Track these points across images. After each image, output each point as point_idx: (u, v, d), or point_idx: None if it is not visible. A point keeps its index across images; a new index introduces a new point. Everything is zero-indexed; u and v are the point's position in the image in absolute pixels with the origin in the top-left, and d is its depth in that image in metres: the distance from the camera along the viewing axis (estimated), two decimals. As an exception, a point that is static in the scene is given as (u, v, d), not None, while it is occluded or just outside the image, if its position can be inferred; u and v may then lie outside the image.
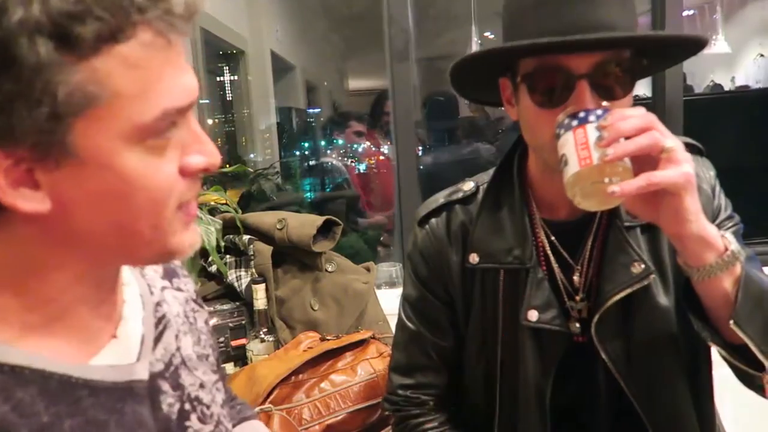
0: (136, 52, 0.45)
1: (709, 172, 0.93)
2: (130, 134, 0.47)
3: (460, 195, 0.97)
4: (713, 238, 0.75)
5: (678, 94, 1.83)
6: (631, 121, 0.71)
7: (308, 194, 3.63)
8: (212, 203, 1.60)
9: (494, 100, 0.92)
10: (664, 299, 0.88)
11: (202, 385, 0.67)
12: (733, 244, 0.76)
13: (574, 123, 0.74)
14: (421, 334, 0.98)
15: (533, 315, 0.88)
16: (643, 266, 0.85)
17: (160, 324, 0.64)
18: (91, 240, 0.51)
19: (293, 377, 1.18)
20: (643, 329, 0.88)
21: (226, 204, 1.59)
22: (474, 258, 0.92)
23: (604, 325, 0.87)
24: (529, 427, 0.90)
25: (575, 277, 0.91)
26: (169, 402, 0.61)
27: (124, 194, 0.49)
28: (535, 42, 0.75)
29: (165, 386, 0.61)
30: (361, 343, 1.26)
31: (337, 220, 1.52)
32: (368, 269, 1.60)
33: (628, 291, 0.85)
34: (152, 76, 0.47)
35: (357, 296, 1.52)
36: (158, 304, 0.66)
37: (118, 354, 0.58)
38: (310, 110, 4.85)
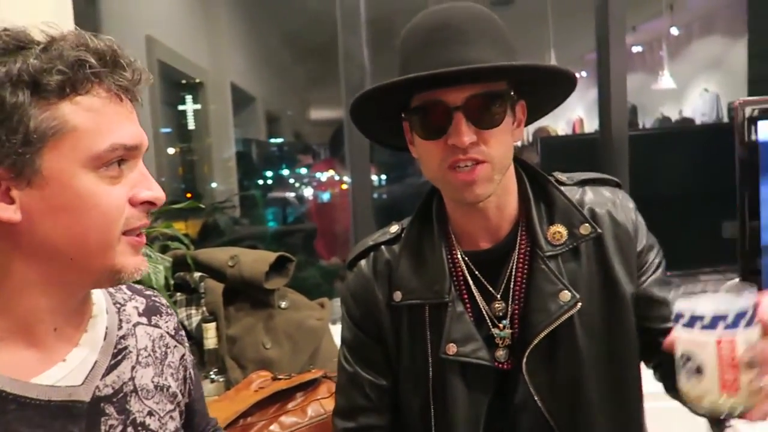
0: (93, 102, 0.63)
1: (628, 204, 0.96)
2: (86, 161, 0.62)
3: (386, 237, 1.00)
4: None
5: (623, 129, 1.90)
6: None
7: (271, 223, 3.61)
8: (161, 237, 1.57)
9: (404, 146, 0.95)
10: (587, 329, 0.90)
11: (150, 413, 0.75)
12: None
13: (720, 327, 0.61)
14: (359, 375, 0.98)
15: (452, 348, 0.89)
16: (569, 294, 0.88)
17: (119, 355, 0.73)
18: (50, 250, 0.63)
19: (241, 420, 1.15)
20: (567, 360, 0.90)
21: (178, 240, 1.56)
22: (397, 296, 0.94)
23: (533, 356, 0.89)
24: None
25: (497, 305, 0.93)
26: (111, 424, 0.69)
27: (79, 210, 0.62)
28: (407, 77, 0.81)
29: (109, 410, 0.70)
30: (312, 383, 1.24)
31: (290, 256, 1.51)
32: (322, 305, 1.59)
33: (560, 321, 0.88)
34: (105, 119, 0.63)
35: (311, 333, 1.50)
36: (123, 337, 0.75)
37: (63, 376, 0.67)
38: (272, 140, 4.85)
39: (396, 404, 0.99)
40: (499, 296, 0.93)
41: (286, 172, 4.17)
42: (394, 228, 1.01)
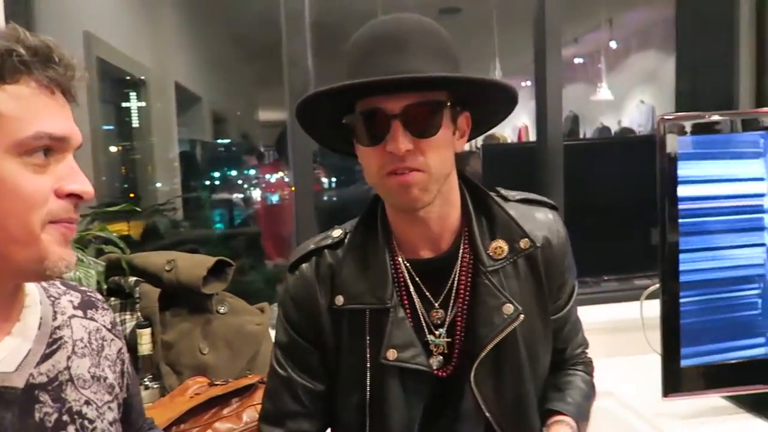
0: (21, 91, 0.64)
1: (562, 231, 1.00)
2: (9, 147, 0.63)
3: (329, 241, 1.00)
4: None
5: (559, 139, 1.98)
6: None
7: (218, 225, 3.55)
8: (96, 240, 1.53)
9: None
10: (527, 342, 0.95)
11: (88, 402, 0.75)
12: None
13: None
14: (292, 380, 0.98)
15: (392, 354, 0.91)
16: (512, 307, 0.92)
17: (54, 344, 0.74)
18: None
19: (174, 427, 1.13)
20: (512, 373, 0.94)
21: (113, 244, 1.52)
22: (339, 300, 0.95)
23: (482, 368, 0.92)
24: None
25: (435, 314, 0.95)
26: (45, 411, 0.70)
27: None
28: (344, 84, 0.83)
29: (44, 397, 0.70)
30: (248, 389, 1.23)
31: (229, 261, 1.49)
32: (262, 310, 1.58)
33: (505, 333, 0.91)
34: (32, 107, 0.64)
35: (250, 338, 1.49)
36: (58, 327, 0.76)
37: None
38: (219, 141, 4.77)
39: (330, 409, 1.00)
40: (437, 305, 0.95)
41: (233, 173, 4.10)
42: (337, 232, 1.01)
